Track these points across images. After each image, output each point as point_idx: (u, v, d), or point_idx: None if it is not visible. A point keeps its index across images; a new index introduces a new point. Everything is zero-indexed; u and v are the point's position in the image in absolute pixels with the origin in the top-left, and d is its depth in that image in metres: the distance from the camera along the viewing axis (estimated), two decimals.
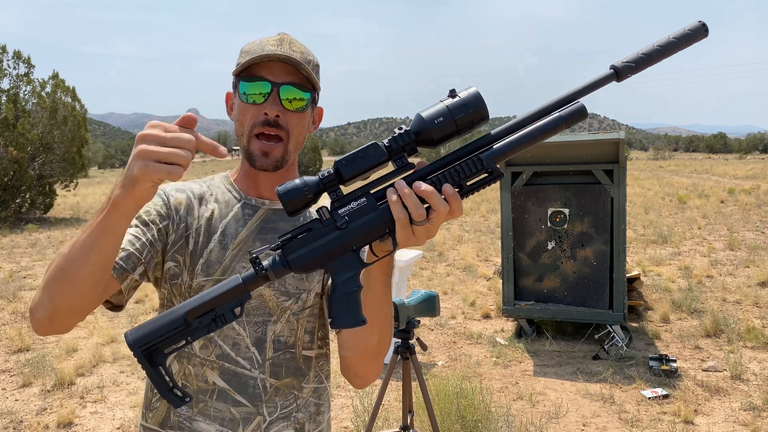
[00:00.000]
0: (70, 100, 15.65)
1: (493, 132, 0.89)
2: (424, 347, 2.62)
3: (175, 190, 1.18)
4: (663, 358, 4.51)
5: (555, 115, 0.87)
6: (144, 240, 1.09)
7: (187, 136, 0.82)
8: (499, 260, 7.93)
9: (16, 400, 4.15)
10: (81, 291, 0.93)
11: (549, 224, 5.10)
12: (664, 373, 4.36)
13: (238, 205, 1.18)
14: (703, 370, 4.50)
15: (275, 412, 1.15)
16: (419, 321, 2.60)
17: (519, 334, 5.35)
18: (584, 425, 3.70)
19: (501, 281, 5.55)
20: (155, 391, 1.15)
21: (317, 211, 0.87)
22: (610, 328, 4.98)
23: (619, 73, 0.87)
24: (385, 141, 0.87)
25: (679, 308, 5.97)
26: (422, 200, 0.84)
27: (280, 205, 1.17)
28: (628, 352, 4.79)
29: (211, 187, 1.21)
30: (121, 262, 1.05)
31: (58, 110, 14.96)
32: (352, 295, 0.90)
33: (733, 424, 3.66)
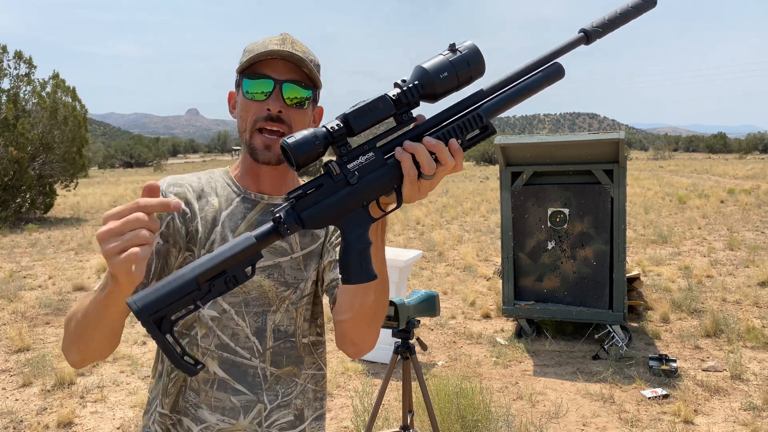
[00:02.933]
0: (70, 100, 15.64)
1: (484, 89, 0.91)
2: (424, 347, 2.62)
3: (173, 186, 1.20)
4: (663, 358, 4.51)
5: (539, 73, 0.91)
6: (152, 258, 1.13)
7: (137, 215, 0.81)
8: (499, 260, 7.93)
9: (17, 400, 4.15)
10: (101, 343, 0.99)
11: (549, 224, 5.10)
12: (664, 373, 4.36)
13: (238, 199, 1.21)
14: (703, 370, 4.50)
15: (276, 400, 1.17)
16: (419, 321, 2.60)
17: (519, 334, 5.35)
18: (584, 425, 3.70)
19: (501, 281, 5.56)
20: (172, 376, 1.17)
21: (325, 165, 0.86)
22: (610, 328, 4.98)
23: (589, 36, 0.92)
24: (392, 94, 0.86)
25: (679, 308, 5.97)
26: (431, 154, 0.86)
27: (278, 200, 1.21)
28: (628, 352, 4.79)
29: (210, 181, 1.23)
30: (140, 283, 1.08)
31: (58, 110, 14.96)
32: (365, 250, 0.89)
33: (733, 424, 3.66)
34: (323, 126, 0.84)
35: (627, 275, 5.38)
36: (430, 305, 2.64)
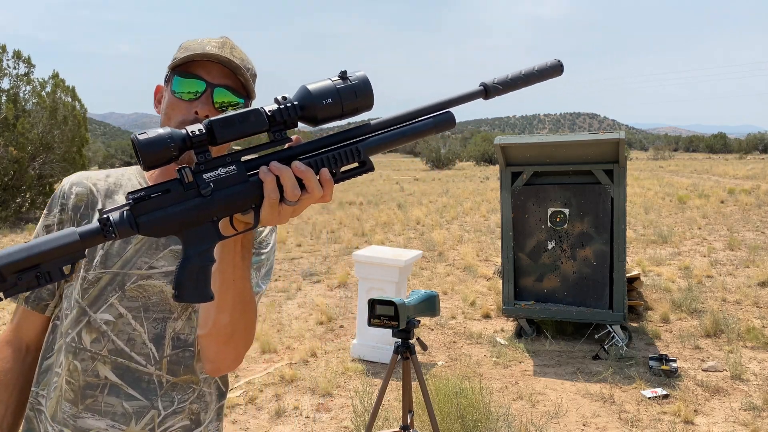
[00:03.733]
0: (70, 99, 15.65)
1: (371, 123, 0.88)
2: (424, 347, 2.62)
3: (76, 186, 1.15)
4: (663, 358, 4.51)
5: (428, 119, 0.89)
6: None
7: None
8: (499, 260, 7.93)
9: None
10: None
11: (549, 224, 5.10)
12: (664, 373, 4.36)
13: None
14: (703, 370, 4.50)
15: (171, 406, 1.13)
16: (419, 321, 2.60)
17: (519, 334, 5.35)
18: (584, 425, 3.70)
19: (501, 281, 5.56)
20: (54, 380, 1.13)
21: (178, 170, 0.80)
22: (610, 328, 4.98)
23: (488, 92, 0.92)
24: (268, 109, 0.82)
25: (679, 308, 5.97)
26: (298, 181, 0.82)
27: None
28: (628, 352, 4.79)
29: (121, 179, 1.18)
30: (33, 297, 1.06)
31: (58, 110, 14.96)
32: (204, 269, 0.83)
33: (733, 424, 3.66)
34: (185, 128, 0.79)
35: (627, 275, 5.37)
36: (430, 305, 2.64)
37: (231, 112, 0.80)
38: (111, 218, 0.77)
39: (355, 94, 0.84)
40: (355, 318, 5.81)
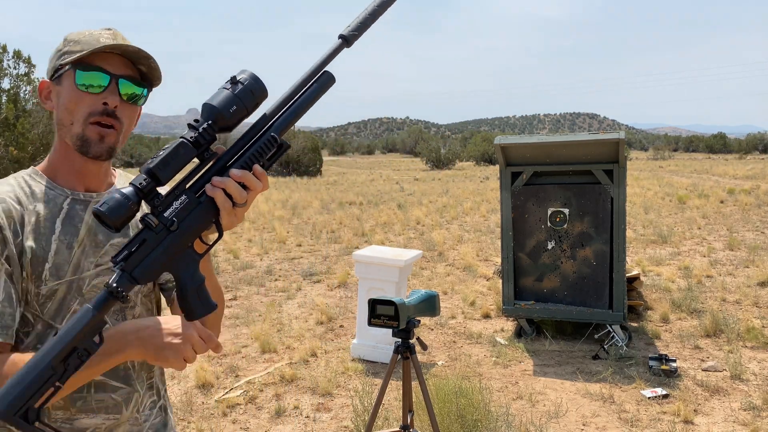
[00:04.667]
0: None
1: (267, 112, 0.98)
2: (424, 347, 2.62)
3: None
4: (663, 358, 4.51)
5: (313, 86, 0.98)
6: (7, 289, 1.06)
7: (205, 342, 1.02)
8: (499, 260, 7.93)
9: None
10: None
11: (549, 224, 5.10)
12: (664, 372, 4.37)
13: (67, 201, 1.16)
14: (703, 370, 4.50)
15: (144, 384, 1.24)
16: (419, 320, 2.60)
17: (519, 333, 5.35)
18: (584, 425, 3.70)
19: (501, 281, 5.56)
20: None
21: (142, 220, 0.89)
22: (609, 328, 4.99)
23: (348, 40, 1.00)
24: (189, 137, 0.91)
25: (678, 308, 5.97)
26: (240, 184, 0.93)
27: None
28: (627, 352, 4.79)
29: (24, 188, 1.14)
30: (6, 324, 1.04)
31: None
32: (200, 287, 0.96)
33: (732, 423, 3.66)
34: (131, 184, 0.88)
35: (627, 275, 5.38)
36: (430, 305, 2.64)
37: (161, 153, 0.89)
38: (113, 283, 0.87)
39: (251, 92, 0.94)
40: (355, 318, 5.81)
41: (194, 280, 0.95)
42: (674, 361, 4.49)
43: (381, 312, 2.53)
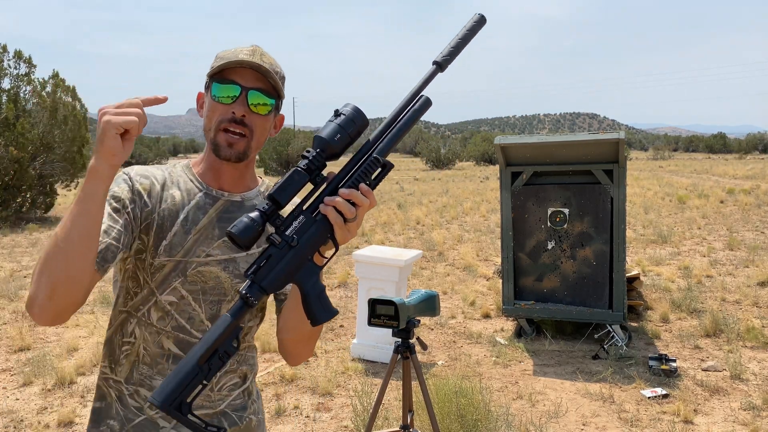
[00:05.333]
0: (70, 99, 15.64)
1: (372, 137, 1.11)
2: (424, 347, 2.63)
3: (139, 176, 1.29)
4: (662, 358, 4.51)
5: (410, 111, 1.10)
6: (118, 228, 1.20)
7: (133, 100, 1.03)
8: (499, 260, 7.93)
9: (17, 399, 4.16)
10: (73, 259, 1.04)
11: (549, 224, 5.10)
12: (664, 372, 4.37)
13: (200, 194, 1.31)
14: (703, 370, 4.50)
15: (222, 369, 1.31)
16: (419, 320, 2.60)
17: (519, 333, 5.35)
18: (584, 425, 3.70)
19: (501, 281, 5.56)
20: (123, 348, 1.30)
21: (268, 239, 1.04)
22: (609, 328, 4.99)
23: (441, 66, 1.12)
24: (302, 165, 1.04)
25: (678, 308, 5.97)
26: (349, 201, 1.04)
27: (237, 197, 1.34)
28: (627, 352, 4.79)
29: (172, 175, 1.33)
30: (100, 255, 1.15)
31: (58, 110, 14.95)
32: (321, 294, 1.09)
33: (732, 423, 3.66)
34: (256, 209, 1.01)
35: (627, 275, 5.38)
36: (430, 305, 2.64)
37: (279, 181, 1.03)
38: (246, 293, 1.01)
39: (353, 122, 1.06)
40: (355, 318, 5.82)
41: (315, 288, 1.07)
42: (674, 361, 4.49)
43: (381, 312, 2.53)
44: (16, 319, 6.00)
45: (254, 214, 1.00)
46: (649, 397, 4.02)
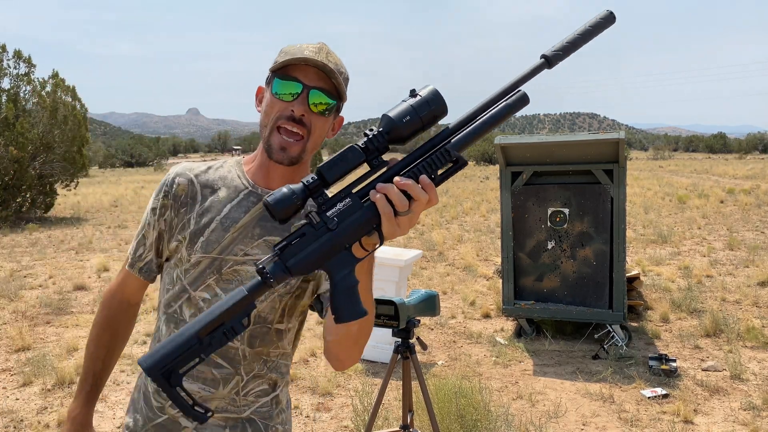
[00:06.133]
0: (70, 99, 15.64)
1: (451, 125, 0.96)
2: (424, 347, 2.62)
3: (179, 176, 1.29)
4: (662, 358, 4.51)
5: (502, 104, 0.95)
6: (153, 238, 1.29)
7: None
8: (499, 260, 7.93)
9: (17, 399, 4.15)
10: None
11: (549, 224, 5.10)
12: (664, 372, 4.37)
13: (245, 192, 1.27)
14: (703, 370, 4.50)
15: (251, 372, 1.28)
16: (419, 320, 2.60)
17: (519, 333, 5.35)
18: (584, 425, 3.70)
19: (501, 281, 5.56)
20: (152, 345, 1.32)
21: (306, 215, 0.93)
22: (609, 328, 4.99)
23: (550, 61, 0.96)
24: (361, 143, 0.93)
25: (678, 308, 5.97)
26: (404, 192, 0.91)
27: None
28: (627, 352, 4.79)
29: (220, 170, 1.31)
30: (145, 268, 1.31)
31: (58, 110, 14.95)
32: (352, 289, 0.95)
33: (732, 423, 3.66)
34: (301, 182, 0.92)
35: (627, 275, 5.38)
36: (430, 305, 2.64)
37: (332, 156, 0.92)
38: (266, 268, 0.91)
39: (428, 104, 0.93)
40: None
41: (346, 281, 0.95)
42: (674, 360, 4.49)
43: (381, 312, 2.53)
44: (16, 319, 6.00)
45: (296, 186, 0.91)
46: (649, 397, 4.02)
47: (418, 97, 0.93)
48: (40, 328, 5.76)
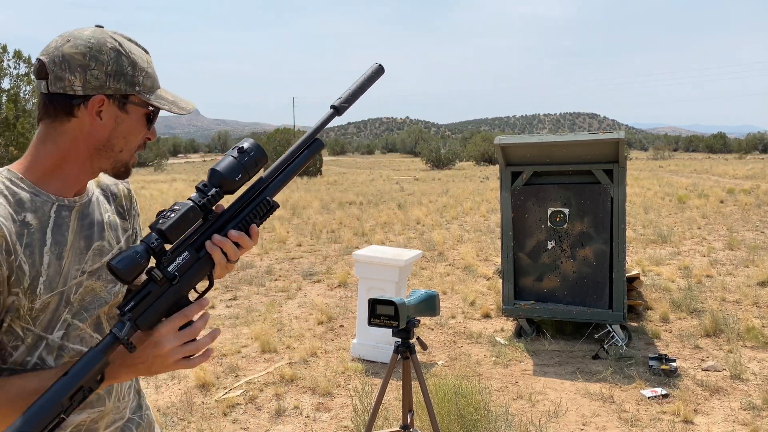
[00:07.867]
0: None
1: (264, 175, 1.14)
2: (424, 347, 2.62)
3: None
4: (662, 358, 4.51)
5: (304, 152, 1.15)
6: None
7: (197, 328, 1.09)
8: (499, 260, 7.93)
9: None
10: None
11: (549, 224, 5.10)
12: (664, 372, 4.37)
13: (54, 208, 1.11)
14: (703, 370, 4.50)
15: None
16: (419, 320, 2.60)
17: (519, 333, 5.35)
18: (584, 425, 3.70)
19: (501, 281, 5.56)
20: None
21: (148, 272, 1.02)
22: (609, 328, 4.99)
23: (338, 110, 1.16)
24: (199, 201, 1.05)
25: (678, 308, 5.97)
26: (235, 243, 1.07)
27: (85, 198, 1.18)
28: (627, 352, 4.79)
29: (8, 197, 1.06)
30: None
31: None
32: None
33: (732, 423, 3.66)
34: (142, 241, 1.00)
35: (627, 275, 5.38)
36: (430, 305, 2.64)
37: (173, 216, 1.02)
38: (118, 334, 0.99)
39: (256, 163, 1.09)
40: (355, 318, 5.82)
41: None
42: (674, 360, 4.49)
43: (381, 312, 2.53)
44: None
45: (140, 248, 0.99)
46: (649, 397, 4.02)
47: (246, 156, 1.07)
48: None
